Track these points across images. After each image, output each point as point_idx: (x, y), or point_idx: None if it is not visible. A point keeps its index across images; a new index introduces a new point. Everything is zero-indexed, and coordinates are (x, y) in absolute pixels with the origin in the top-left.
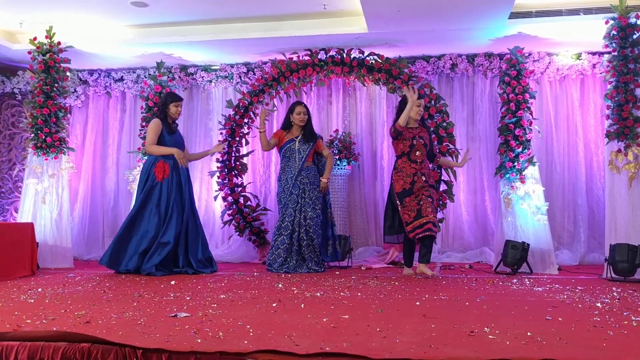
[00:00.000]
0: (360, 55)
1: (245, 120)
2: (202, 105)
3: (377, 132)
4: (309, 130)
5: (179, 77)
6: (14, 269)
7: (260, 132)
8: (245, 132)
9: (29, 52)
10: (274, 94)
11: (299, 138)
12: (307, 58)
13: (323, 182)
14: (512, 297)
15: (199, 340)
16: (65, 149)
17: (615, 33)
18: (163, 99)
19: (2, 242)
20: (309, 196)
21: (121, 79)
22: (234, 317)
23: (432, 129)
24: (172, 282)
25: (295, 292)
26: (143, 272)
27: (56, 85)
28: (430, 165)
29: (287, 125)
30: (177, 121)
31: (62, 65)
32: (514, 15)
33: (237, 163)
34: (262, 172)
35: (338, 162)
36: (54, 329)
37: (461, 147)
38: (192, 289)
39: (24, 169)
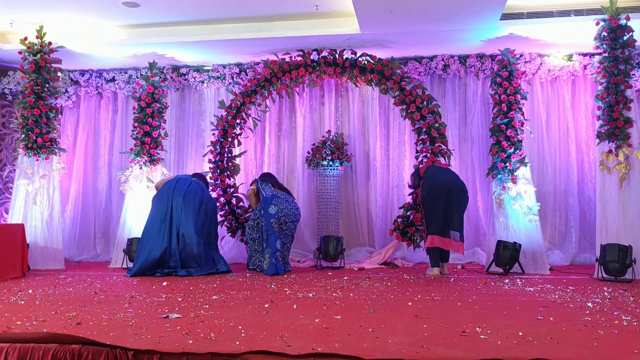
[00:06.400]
0: (353, 56)
1: (238, 121)
2: (194, 106)
3: (369, 132)
4: None
5: (171, 77)
6: (4, 271)
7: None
8: (237, 133)
9: (20, 52)
10: (267, 94)
11: None
12: (299, 59)
13: None
14: (503, 297)
15: (191, 342)
16: (56, 150)
17: (605, 34)
18: None
19: None
20: None
21: (113, 80)
22: (226, 318)
23: (424, 129)
24: (164, 283)
25: (288, 292)
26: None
27: (47, 85)
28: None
29: None
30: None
31: (53, 65)
32: (506, 17)
33: (230, 164)
34: (255, 173)
35: (331, 162)
36: (45, 330)
37: (453, 148)
38: (184, 290)
39: (14, 170)
